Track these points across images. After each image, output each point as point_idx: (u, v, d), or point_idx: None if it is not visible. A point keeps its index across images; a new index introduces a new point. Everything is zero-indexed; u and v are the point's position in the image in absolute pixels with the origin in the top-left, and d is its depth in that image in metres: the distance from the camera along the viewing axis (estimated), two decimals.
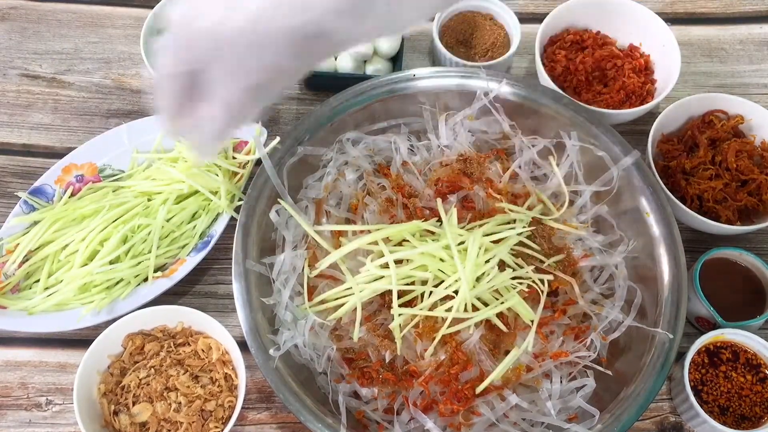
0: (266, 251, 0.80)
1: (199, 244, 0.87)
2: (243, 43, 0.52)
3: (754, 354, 0.79)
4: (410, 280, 0.76)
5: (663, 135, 0.94)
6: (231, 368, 0.79)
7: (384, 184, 0.86)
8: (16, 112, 1.02)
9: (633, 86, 0.97)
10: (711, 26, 1.12)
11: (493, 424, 0.73)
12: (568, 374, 0.77)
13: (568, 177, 0.86)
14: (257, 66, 0.53)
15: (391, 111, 0.89)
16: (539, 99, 0.87)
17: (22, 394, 0.82)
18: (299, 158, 0.84)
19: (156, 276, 0.84)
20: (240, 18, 0.51)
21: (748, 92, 1.05)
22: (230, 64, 0.53)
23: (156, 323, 0.81)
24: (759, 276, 0.84)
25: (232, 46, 0.52)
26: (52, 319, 0.81)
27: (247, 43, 0.52)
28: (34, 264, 0.84)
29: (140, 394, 0.77)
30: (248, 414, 0.82)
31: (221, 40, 0.52)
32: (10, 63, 1.06)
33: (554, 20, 1.01)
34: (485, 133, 0.90)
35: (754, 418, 0.77)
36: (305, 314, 0.77)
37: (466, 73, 0.88)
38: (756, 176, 0.88)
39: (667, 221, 0.79)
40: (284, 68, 0.55)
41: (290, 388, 0.71)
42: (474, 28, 1.04)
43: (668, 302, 0.75)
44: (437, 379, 0.74)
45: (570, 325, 0.79)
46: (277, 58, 0.53)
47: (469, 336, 0.75)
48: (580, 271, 0.82)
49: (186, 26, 0.53)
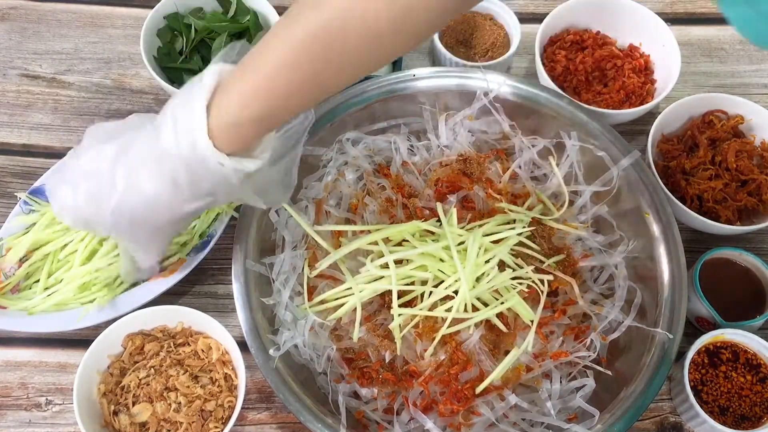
0: (266, 251, 0.80)
1: (199, 244, 0.87)
2: (139, 233, 0.67)
3: (754, 354, 0.79)
4: (410, 281, 0.76)
5: (663, 135, 0.94)
6: (231, 368, 0.79)
7: (384, 184, 0.86)
8: (16, 112, 1.02)
9: (633, 86, 0.98)
10: (711, 26, 1.12)
11: (493, 424, 0.73)
12: (568, 374, 0.77)
13: (568, 177, 0.86)
14: (155, 243, 0.69)
15: (391, 111, 0.89)
16: (539, 99, 0.87)
17: (22, 394, 0.82)
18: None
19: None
20: (128, 218, 0.64)
21: (748, 92, 1.05)
22: (137, 245, 0.69)
23: (156, 323, 0.81)
24: (759, 276, 0.84)
25: (131, 234, 0.67)
26: (52, 319, 0.81)
27: (142, 234, 0.66)
28: (34, 264, 0.84)
29: (140, 394, 0.77)
30: (248, 414, 0.82)
31: (120, 232, 0.66)
32: (10, 63, 1.06)
33: (554, 20, 1.01)
34: (485, 133, 0.90)
35: (754, 418, 0.77)
36: (305, 314, 0.77)
37: (466, 73, 0.88)
38: (756, 176, 0.88)
39: (667, 221, 0.79)
40: (176, 232, 0.72)
41: (290, 388, 0.71)
42: (474, 28, 1.04)
43: (668, 302, 0.76)
44: (437, 379, 0.74)
45: (570, 325, 0.79)
46: (166, 234, 0.69)
47: (469, 336, 0.75)
48: (580, 271, 0.82)
49: (78, 215, 0.65)
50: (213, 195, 0.63)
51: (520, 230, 0.79)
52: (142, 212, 0.62)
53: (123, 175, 0.62)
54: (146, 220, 0.63)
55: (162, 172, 0.60)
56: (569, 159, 0.86)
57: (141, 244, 0.68)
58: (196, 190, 0.61)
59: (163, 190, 0.61)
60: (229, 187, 0.62)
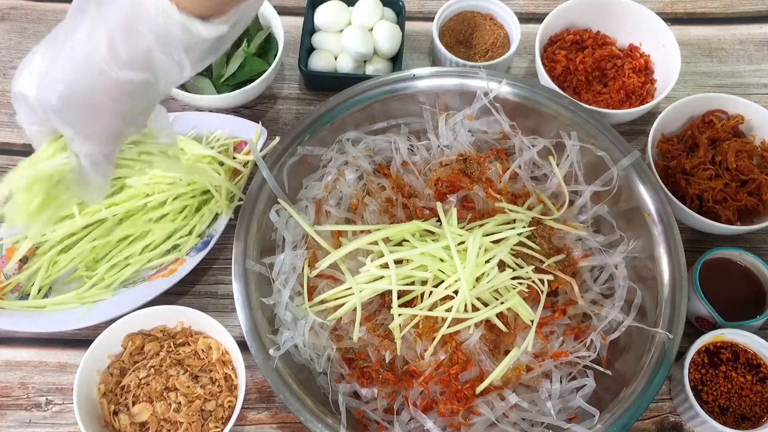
0: (266, 251, 0.80)
1: (199, 244, 0.87)
2: (72, 109, 0.58)
3: (754, 354, 0.79)
4: (410, 280, 0.76)
5: (663, 135, 0.94)
6: (231, 368, 0.79)
7: (384, 184, 0.86)
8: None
9: (633, 86, 0.98)
10: (711, 26, 1.12)
11: (493, 424, 0.73)
12: (568, 374, 0.77)
13: (568, 177, 0.86)
14: (92, 123, 0.59)
15: (391, 111, 0.89)
16: (539, 99, 0.87)
17: (22, 394, 0.82)
18: (299, 158, 0.84)
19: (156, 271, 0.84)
20: (61, 89, 0.57)
21: (748, 92, 1.05)
22: (71, 127, 0.59)
23: (156, 323, 0.82)
24: (759, 276, 0.84)
25: (64, 112, 0.58)
26: (52, 319, 0.81)
27: (75, 108, 0.58)
28: (34, 264, 0.84)
29: (140, 394, 0.77)
30: (248, 414, 0.82)
31: (54, 110, 0.58)
32: (10, 63, 1.06)
33: (554, 20, 1.01)
34: (485, 133, 0.90)
35: (754, 418, 0.77)
36: (305, 314, 0.77)
37: (466, 73, 0.88)
38: (756, 176, 0.88)
39: (667, 221, 0.79)
40: (116, 116, 0.60)
41: (290, 388, 0.71)
42: (474, 28, 1.04)
43: (668, 302, 0.75)
44: (437, 379, 0.74)
45: (570, 325, 0.79)
46: (104, 114, 0.59)
47: (469, 336, 0.75)
48: (580, 271, 0.82)
49: (26, 102, 0.59)
50: (149, 64, 0.56)
51: (520, 230, 0.79)
52: (76, 82, 0.56)
53: (63, 40, 0.57)
54: (80, 91, 0.57)
55: (95, 29, 0.55)
56: (569, 159, 0.86)
57: (79, 128, 0.59)
58: (133, 48, 0.55)
59: (96, 48, 0.55)
60: (168, 47, 0.55)
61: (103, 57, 0.55)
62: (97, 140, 0.60)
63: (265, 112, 1.02)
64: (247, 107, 1.01)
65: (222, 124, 0.93)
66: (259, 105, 1.02)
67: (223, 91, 0.95)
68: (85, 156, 0.61)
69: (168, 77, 0.58)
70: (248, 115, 1.00)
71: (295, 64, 1.03)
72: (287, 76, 1.05)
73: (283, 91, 1.04)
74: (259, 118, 0.97)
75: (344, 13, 1.01)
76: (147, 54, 0.55)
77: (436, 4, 1.07)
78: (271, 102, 1.03)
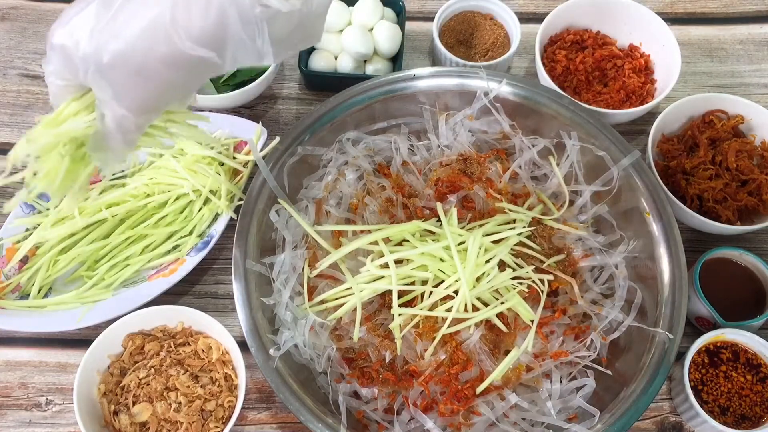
0: (266, 251, 0.80)
1: (199, 244, 0.87)
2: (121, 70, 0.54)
3: (754, 354, 0.79)
4: (410, 280, 0.76)
5: (663, 135, 0.94)
6: (231, 368, 0.79)
7: (384, 184, 0.86)
8: (16, 112, 1.02)
9: (633, 86, 0.98)
10: (711, 26, 1.12)
11: (493, 424, 0.73)
12: (568, 374, 0.77)
13: (568, 177, 0.86)
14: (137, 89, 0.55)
15: (391, 111, 0.89)
16: (539, 99, 0.87)
17: (22, 394, 0.82)
18: (299, 158, 0.84)
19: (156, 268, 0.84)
20: (115, 47, 0.53)
21: (748, 92, 1.05)
22: (112, 89, 0.55)
23: (156, 323, 0.82)
24: (759, 276, 0.84)
25: (111, 71, 0.54)
26: (53, 319, 0.81)
27: (125, 70, 0.54)
28: (34, 264, 0.84)
29: (140, 394, 0.77)
30: (248, 414, 0.82)
31: (100, 68, 0.54)
32: (10, 63, 1.06)
33: (554, 20, 1.01)
34: (485, 133, 0.90)
35: (754, 418, 0.77)
36: (305, 314, 0.77)
37: (466, 73, 0.88)
38: (756, 176, 0.88)
39: (667, 221, 0.79)
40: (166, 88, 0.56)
41: (290, 388, 0.71)
42: (474, 28, 1.04)
43: (668, 302, 0.75)
44: (437, 379, 0.74)
45: (570, 325, 0.79)
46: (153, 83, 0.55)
47: (469, 336, 0.75)
48: (580, 271, 0.82)
49: (66, 54, 0.55)
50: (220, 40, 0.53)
51: (520, 230, 0.79)
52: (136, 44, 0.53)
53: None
54: (137, 55, 0.53)
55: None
56: (569, 159, 0.86)
57: (120, 92, 0.55)
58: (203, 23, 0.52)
59: (165, 13, 0.52)
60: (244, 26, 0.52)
61: (174, 25, 0.51)
62: (136, 108, 0.56)
63: (266, 112, 1.02)
64: (248, 107, 1.01)
65: (222, 124, 0.93)
66: (260, 105, 1.02)
67: (223, 91, 0.95)
68: (115, 121, 0.56)
69: (236, 54, 0.54)
70: (248, 115, 1.00)
71: (295, 64, 1.03)
72: (287, 76, 1.05)
73: (283, 91, 1.04)
74: (260, 118, 0.97)
75: (344, 13, 1.01)
76: (218, 29, 0.52)
77: (436, 4, 1.07)
78: (271, 102, 1.03)
